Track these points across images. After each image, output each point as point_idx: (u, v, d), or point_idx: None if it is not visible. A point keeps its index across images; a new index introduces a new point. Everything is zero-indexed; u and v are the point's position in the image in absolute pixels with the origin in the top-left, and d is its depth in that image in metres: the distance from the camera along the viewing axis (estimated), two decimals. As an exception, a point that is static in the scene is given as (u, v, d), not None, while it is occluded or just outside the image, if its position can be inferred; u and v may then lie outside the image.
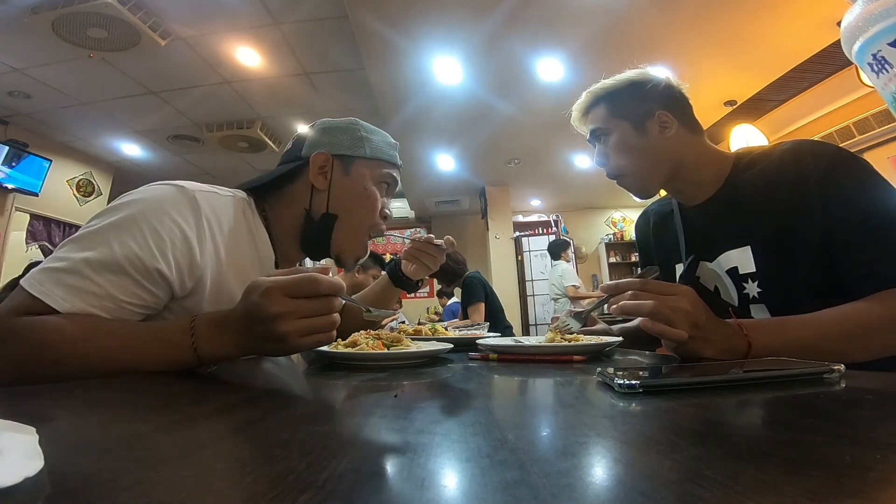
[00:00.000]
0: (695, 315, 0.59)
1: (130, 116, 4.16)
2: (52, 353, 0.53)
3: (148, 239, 0.61)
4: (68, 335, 0.54)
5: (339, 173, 0.83)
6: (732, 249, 0.80)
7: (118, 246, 0.59)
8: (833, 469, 0.20)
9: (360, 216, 0.83)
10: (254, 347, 0.56)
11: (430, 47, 2.93)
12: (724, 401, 0.37)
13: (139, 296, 0.61)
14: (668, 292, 0.60)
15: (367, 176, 0.84)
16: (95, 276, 0.58)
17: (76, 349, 0.54)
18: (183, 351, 0.56)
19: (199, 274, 0.67)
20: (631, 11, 2.62)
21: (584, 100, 0.89)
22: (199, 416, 0.37)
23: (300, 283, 0.53)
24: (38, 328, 0.54)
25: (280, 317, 0.52)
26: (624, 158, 0.85)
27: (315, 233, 0.82)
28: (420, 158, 4.77)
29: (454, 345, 0.79)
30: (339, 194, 0.82)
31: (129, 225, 0.61)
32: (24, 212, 4.44)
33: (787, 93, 3.59)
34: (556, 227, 5.82)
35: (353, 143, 0.84)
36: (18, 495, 0.16)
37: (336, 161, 0.83)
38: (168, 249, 0.62)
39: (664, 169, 0.84)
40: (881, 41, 1.30)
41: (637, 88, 0.85)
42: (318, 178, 0.81)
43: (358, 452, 0.25)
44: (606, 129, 0.86)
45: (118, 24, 2.73)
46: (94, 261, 0.58)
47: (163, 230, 0.62)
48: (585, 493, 0.18)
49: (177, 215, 0.65)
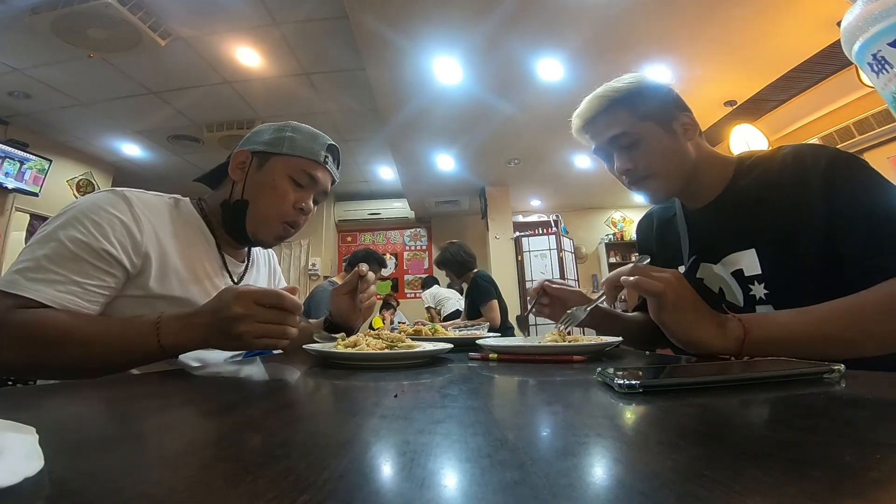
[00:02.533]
0: (676, 284, 0.63)
1: (130, 116, 4.15)
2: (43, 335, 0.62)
3: (90, 228, 0.71)
4: (56, 323, 0.64)
5: (255, 168, 0.90)
6: (737, 251, 0.80)
7: (67, 240, 0.69)
8: (833, 469, 0.20)
9: (267, 205, 0.88)
10: (215, 341, 0.65)
11: (430, 47, 2.93)
12: (724, 401, 0.37)
13: (99, 277, 0.71)
14: (654, 269, 0.66)
15: (278, 171, 0.89)
16: (56, 267, 0.67)
17: (61, 332, 0.63)
18: (148, 341, 0.64)
19: (144, 251, 0.76)
20: (631, 12, 2.62)
21: (596, 104, 0.84)
22: (199, 416, 0.37)
23: (267, 295, 0.64)
24: (29, 316, 0.63)
25: (243, 317, 0.62)
26: (656, 162, 0.82)
27: (230, 216, 0.90)
28: (420, 158, 4.77)
29: (454, 345, 0.79)
30: (250, 185, 0.89)
31: (72, 221, 0.71)
32: (24, 212, 4.43)
33: (787, 93, 3.58)
34: (556, 227, 5.81)
35: (274, 141, 0.91)
36: (18, 495, 0.16)
37: (255, 157, 0.91)
38: (110, 233, 0.72)
39: (688, 171, 0.84)
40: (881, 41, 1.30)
41: (657, 91, 0.84)
42: (236, 171, 0.91)
43: (358, 452, 0.25)
44: (634, 133, 0.82)
45: (118, 24, 2.73)
46: (52, 255, 0.68)
47: (101, 220, 0.72)
48: (585, 493, 0.18)
49: (111, 208, 0.75)
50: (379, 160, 5.50)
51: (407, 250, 7.21)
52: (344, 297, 1.00)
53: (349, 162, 5.51)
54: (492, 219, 5.72)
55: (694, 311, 0.63)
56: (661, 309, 0.63)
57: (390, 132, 4.09)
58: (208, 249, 0.90)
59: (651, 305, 0.65)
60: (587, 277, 6.48)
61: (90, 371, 0.64)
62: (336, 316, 1.02)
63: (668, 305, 0.62)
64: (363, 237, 7.20)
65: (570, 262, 5.81)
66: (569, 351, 0.69)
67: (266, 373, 0.68)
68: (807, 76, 3.33)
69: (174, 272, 0.80)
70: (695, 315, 0.63)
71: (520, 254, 5.65)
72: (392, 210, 6.75)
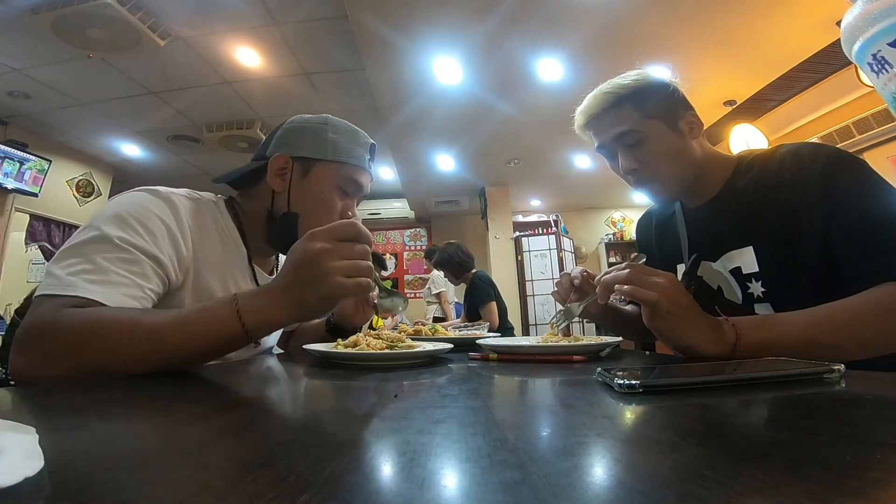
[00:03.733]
0: (671, 290, 0.62)
1: (130, 117, 4.15)
2: (101, 334, 0.53)
3: (140, 231, 0.65)
4: (116, 315, 0.55)
5: (298, 175, 0.83)
6: (735, 249, 0.80)
7: (120, 241, 0.62)
8: (833, 469, 0.20)
9: (319, 217, 0.81)
10: (299, 301, 0.56)
11: (430, 47, 2.92)
12: (724, 401, 0.37)
13: (154, 281, 0.65)
14: (648, 272, 0.64)
15: (325, 179, 0.83)
16: (116, 268, 0.60)
17: (124, 330, 0.54)
18: (229, 322, 0.55)
19: (186, 266, 0.71)
20: (631, 11, 2.62)
21: (601, 101, 0.82)
22: (198, 415, 0.37)
23: (341, 226, 0.57)
24: (84, 314, 0.54)
25: (325, 252, 0.54)
26: (662, 162, 0.81)
27: (280, 230, 0.83)
28: (420, 158, 4.77)
29: (454, 345, 0.79)
30: (296, 196, 0.82)
31: (120, 224, 0.64)
32: (24, 212, 4.43)
33: (787, 92, 3.58)
34: (555, 227, 5.81)
35: (317, 144, 0.84)
36: (18, 495, 0.16)
37: (296, 164, 0.83)
38: (160, 241, 0.67)
39: (693, 170, 0.83)
40: (881, 41, 1.30)
41: (663, 89, 0.82)
42: (276, 180, 0.83)
43: (358, 452, 0.25)
44: (640, 132, 0.80)
45: (118, 24, 2.73)
46: (110, 258, 0.61)
47: (151, 225, 0.67)
48: (585, 493, 0.18)
49: (160, 212, 0.69)
50: (379, 160, 5.47)
51: (407, 250, 7.21)
52: (348, 299, 0.97)
53: (349, 162, 5.51)
54: (492, 219, 5.72)
55: (687, 317, 0.62)
56: (654, 316, 0.63)
57: (390, 132, 4.09)
58: (241, 261, 0.83)
59: (644, 312, 0.64)
60: (587, 277, 6.47)
61: (161, 366, 0.55)
62: (340, 319, 1.00)
63: (662, 312, 0.61)
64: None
65: (570, 262, 5.82)
66: (569, 351, 0.69)
67: (266, 373, 0.68)
68: (806, 76, 3.33)
69: (207, 289, 0.75)
70: (688, 321, 0.62)
71: (520, 254, 5.65)
72: (392, 210, 6.75)
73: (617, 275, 0.64)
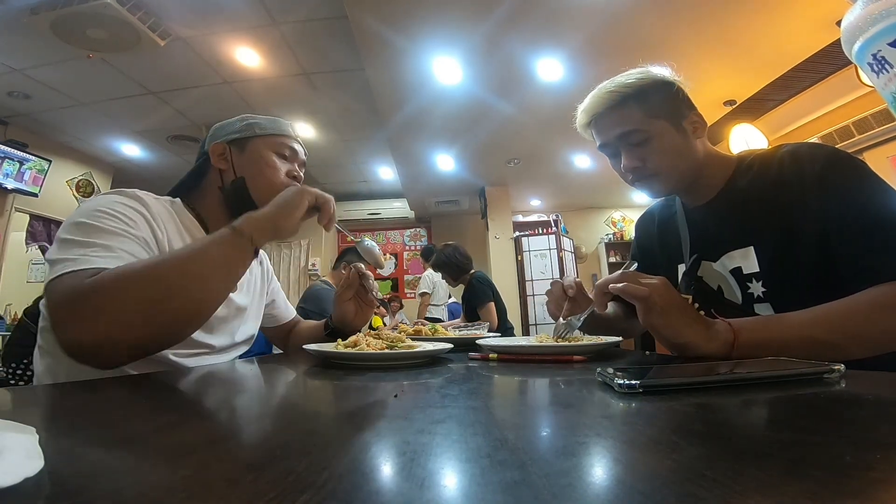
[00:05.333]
0: (662, 288, 0.64)
1: (130, 117, 4.15)
2: (136, 276, 0.59)
3: (122, 219, 0.70)
4: (140, 264, 0.62)
5: (237, 154, 0.92)
6: (735, 249, 0.80)
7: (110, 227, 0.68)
8: (833, 469, 0.20)
9: (264, 175, 0.90)
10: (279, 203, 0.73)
11: (430, 47, 2.92)
12: (724, 401, 0.37)
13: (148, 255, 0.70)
14: (641, 275, 0.67)
15: (261, 149, 0.92)
16: (118, 243, 0.66)
17: (150, 266, 0.61)
18: (228, 233, 0.67)
19: (164, 250, 0.75)
20: (631, 11, 2.62)
21: (606, 99, 0.81)
22: (198, 415, 0.37)
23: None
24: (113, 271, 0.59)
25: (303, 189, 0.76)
26: (666, 161, 0.81)
27: (233, 195, 0.90)
28: (420, 158, 4.77)
29: (454, 345, 0.79)
30: (239, 167, 0.91)
31: (99, 216, 0.69)
32: (24, 212, 4.43)
33: (787, 92, 3.58)
34: (555, 227, 5.80)
35: (243, 128, 0.93)
36: (18, 495, 0.16)
37: (232, 146, 0.92)
38: (139, 226, 0.72)
39: (694, 170, 0.83)
40: (881, 41, 1.30)
41: (667, 88, 0.82)
42: (221, 161, 0.92)
43: (358, 452, 0.25)
44: (645, 131, 0.79)
45: (118, 24, 2.73)
46: (107, 237, 0.66)
47: (128, 214, 0.72)
48: (585, 493, 0.18)
49: (131, 205, 0.75)
50: (378, 160, 5.50)
51: (407, 250, 7.21)
52: (348, 302, 0.98)
53: (349, 162, 5.51)
54: (492, 219, 5.72)
55: (681, 316, 0.63)
56: (648, 312, 0.63)
57: (390, 132, 4.09)
58: None
59: (639, 310, 0.64)
60: (587, 277, 6.47)
61: (195, 298, 0.62)
62: (340, 322, 0.99)
63: (656, 308, 0.62)
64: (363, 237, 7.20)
65: (570, 262, 5.82)
66: (569, 351, 0.69)
67: (266, 373, 0.68)
68: (806, 76, 3.33)
69: None
70: (683, 319, 0.63)
71: (520, 254, 5.65)
72: (392, 210, 6.75)
73: (609, 277, 0.67)
